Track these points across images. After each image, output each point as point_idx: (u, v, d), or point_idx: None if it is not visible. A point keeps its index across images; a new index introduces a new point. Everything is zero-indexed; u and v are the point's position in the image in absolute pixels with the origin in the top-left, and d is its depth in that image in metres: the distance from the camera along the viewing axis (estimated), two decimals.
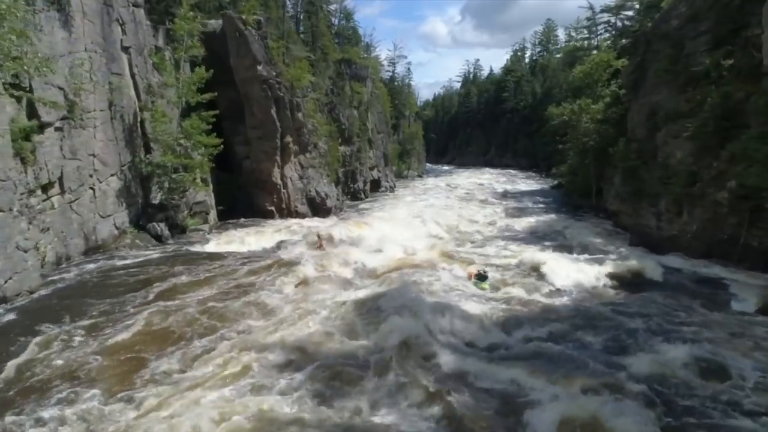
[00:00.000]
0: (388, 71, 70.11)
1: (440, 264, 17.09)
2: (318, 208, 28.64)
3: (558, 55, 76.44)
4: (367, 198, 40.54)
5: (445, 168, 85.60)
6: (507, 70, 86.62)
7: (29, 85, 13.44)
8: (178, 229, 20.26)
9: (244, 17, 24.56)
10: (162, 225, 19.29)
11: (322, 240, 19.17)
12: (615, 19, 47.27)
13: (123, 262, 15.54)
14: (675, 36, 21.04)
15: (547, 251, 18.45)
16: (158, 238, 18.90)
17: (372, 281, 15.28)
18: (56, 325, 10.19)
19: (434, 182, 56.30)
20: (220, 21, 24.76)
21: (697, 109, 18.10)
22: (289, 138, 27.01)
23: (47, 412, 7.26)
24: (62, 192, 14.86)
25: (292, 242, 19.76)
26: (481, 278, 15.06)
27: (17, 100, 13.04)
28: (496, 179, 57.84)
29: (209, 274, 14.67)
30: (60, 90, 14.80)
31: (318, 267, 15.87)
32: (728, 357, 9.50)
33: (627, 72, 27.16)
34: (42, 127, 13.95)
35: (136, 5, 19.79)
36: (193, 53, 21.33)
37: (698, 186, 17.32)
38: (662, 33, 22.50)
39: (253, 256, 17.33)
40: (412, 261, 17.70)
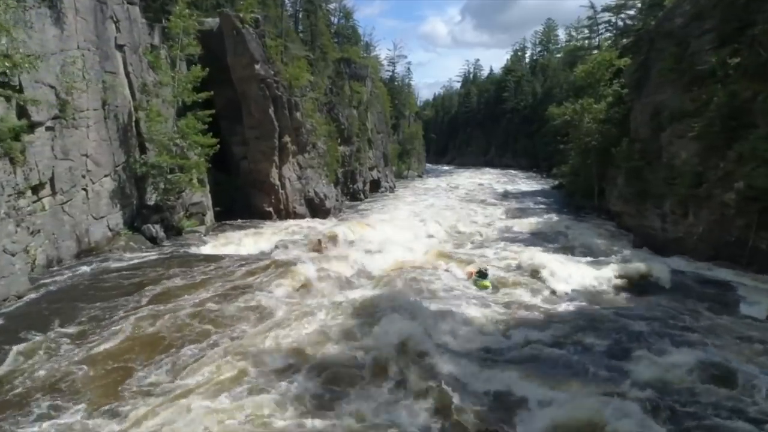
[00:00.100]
0: (388, 71, 70.14)
1: (440, 265, 17.00)
2: (317, 209, 28.33)
3: (558, 55, 76.36)
4: (367, 198, 40.26)
5: (445, 168, 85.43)
6: (507, 70, 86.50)
7: (19, 84, 13.10)
8: (174, 231, 19.89)
9: (242, 15, 24.27)
10: (157, 227, 18.94)
11: (324, 244, 18.92)
12: (616, 19, 47.07)
13: (116, 265, 15.16)
14: (679, 34, 20.76)
15: (549, 252, 18.27)
16: (153, 240, 18.55)
17: (371, 282, 15.16)
18: (42, 332, 9.80)
19: (434, 182, 56.10)
20: (217, 19, 24.48)
21: (703, 109, 17.88)
22: (288, 138, 26.67)
23: (26, 430, 6.88)
24: (53, 193, 14.52)
25: (291, 244, 19.54)
26: (482, 276, 14.81)
27: (6, 99, 12.69)
28: (497, 179, 57.63)
29: (205, 277, 14.30)
30: (51, 88, 14.45)
31: (317, 269, 15.59)
32: (736, 363, 9.25)
33: (630, 71, 26.88)
34: (32, 127, 13.58)
35: (131, 2, 19.45)
36: (190, 52, 21.09)
37: (704, 187, 17.06)
38: (666, 31, 22.24)
39: (251, 258, 17.00)
40: (413, 262, 17.61)
